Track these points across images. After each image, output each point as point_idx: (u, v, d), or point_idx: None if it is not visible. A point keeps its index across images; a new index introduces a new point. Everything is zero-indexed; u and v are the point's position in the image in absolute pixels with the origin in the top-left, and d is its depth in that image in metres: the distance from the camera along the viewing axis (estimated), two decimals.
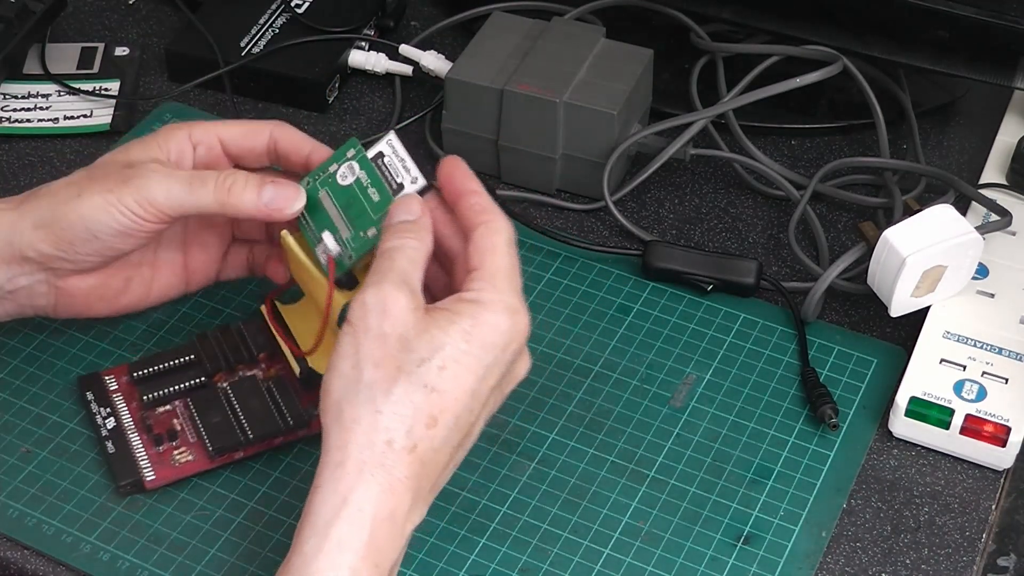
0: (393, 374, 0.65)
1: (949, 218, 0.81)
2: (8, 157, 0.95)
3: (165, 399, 0.78)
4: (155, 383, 0.78)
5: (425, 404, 0.65)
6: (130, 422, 0.77)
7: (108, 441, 0.76)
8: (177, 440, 0.76)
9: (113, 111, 0.97)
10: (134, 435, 0.76)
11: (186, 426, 0.77)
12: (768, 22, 0.95)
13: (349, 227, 0.74)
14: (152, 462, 0.75)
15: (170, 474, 0.75)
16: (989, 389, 0.78)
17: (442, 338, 0.66)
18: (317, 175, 0.76)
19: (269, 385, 0.78)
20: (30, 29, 0.97)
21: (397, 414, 0.64)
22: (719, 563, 0.73)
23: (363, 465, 0.64)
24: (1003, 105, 0.97)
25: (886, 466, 0.78)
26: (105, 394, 0.78)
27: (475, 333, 0.66)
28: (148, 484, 0.75)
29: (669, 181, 0.95)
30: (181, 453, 0.76)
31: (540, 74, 0.90)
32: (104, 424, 0.77)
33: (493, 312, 0.67)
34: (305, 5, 1.03)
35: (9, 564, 0.73)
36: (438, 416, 0.65)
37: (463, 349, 0.66)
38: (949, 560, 0.74)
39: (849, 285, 0.85)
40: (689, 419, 0.80)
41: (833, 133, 0.99)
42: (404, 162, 0.74)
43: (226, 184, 0.74)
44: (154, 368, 0.79)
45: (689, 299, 0.86)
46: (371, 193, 0.74)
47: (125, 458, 0.75)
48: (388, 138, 0.75)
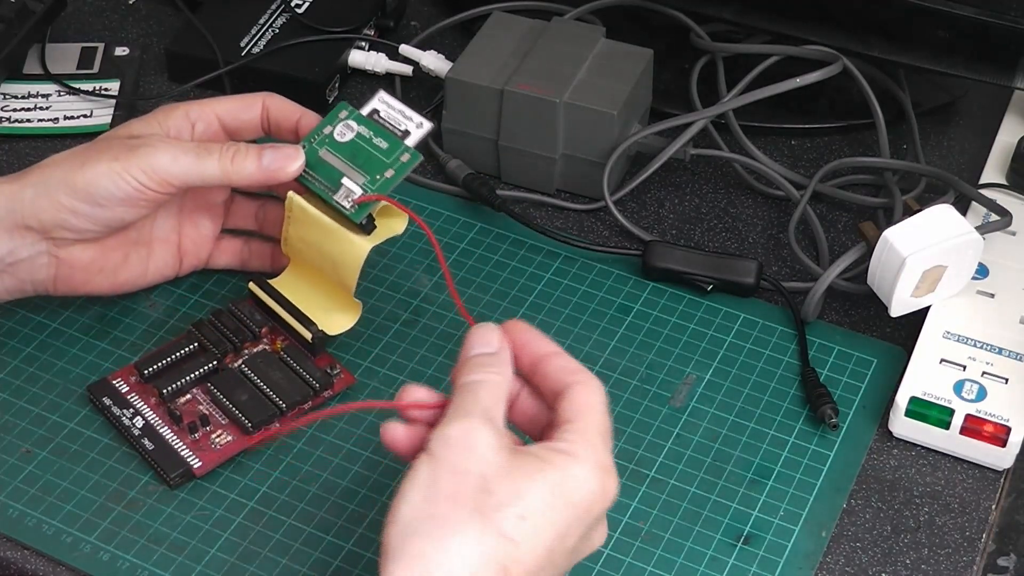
0: (468, 514, 0.60)
1: (949, 218, 0.81)
2: (8, 157, 0.95)
3: (183, 389, 0.78)
4: (168, 376, 0.79)
5: (497, 552, 0.60)
6: (156, 418, 0.77)
7: (144, 439, 0.76)
8: (210, 425, 0.77)
9: (113, 111, 0.97)
10: (165, 429, 0.77)
11: (213, 410, 0.78)
12: (768, 22, 0.95)
13: (363, 173, 0.77)
14: (193, 449, 0.76)
15: (215, 457, 0.76)
16: (989, 389, 0.78)
17: (527, 486, 0.61)
18: (312, 138, 0.79)
19: (282, 356, 0.80)
20: (30, 29, 0.97)
21: (466, 557, 0.59)
22: (719, 563, 0.73)
23: None
24: (1003, 105, 0.97)
25: (886, 466, 0.78)
26: (121, 397, 0.78)
27: (563, 488, 0.62)
28: (197, 471, 0.75)
29: (669, 181, 0.95)
30: (219, 436, 0.77)
31: (540, 74, 0.90)
32: (133, 424, 0.77)
33: (584, 469, 0.62)
34: (305, 5, 1.03)
35: (9, 564, 0.73)
36: (510, 567, 0.60)
37: (548, 503, 0.61)
38: (949, 560, 0.74)
39: (849, 285, 0.85)
40: (689, 419, 0.80)
41: (833, 133, 0.99)
42: (403, 112, 0.77)
43: (229, 153, 0.77)
44: (162, 363, 0.79)
45: (689, 299, 0.86)
46: (377, 143, 0.78)
47: (167, 452, 0.76)
48: (379, 96, 0.79)
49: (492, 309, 0.85)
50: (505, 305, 0.85)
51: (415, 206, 0.92)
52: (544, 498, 0.61)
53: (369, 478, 0.76)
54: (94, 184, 0.75)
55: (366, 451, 0.77)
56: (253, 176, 0.77)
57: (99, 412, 0.78)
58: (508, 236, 0.90)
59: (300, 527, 0.74)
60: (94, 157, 0.76)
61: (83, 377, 0.81)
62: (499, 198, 0.90)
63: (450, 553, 0.59)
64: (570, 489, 0.62)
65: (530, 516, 0.61)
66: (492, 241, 0.90)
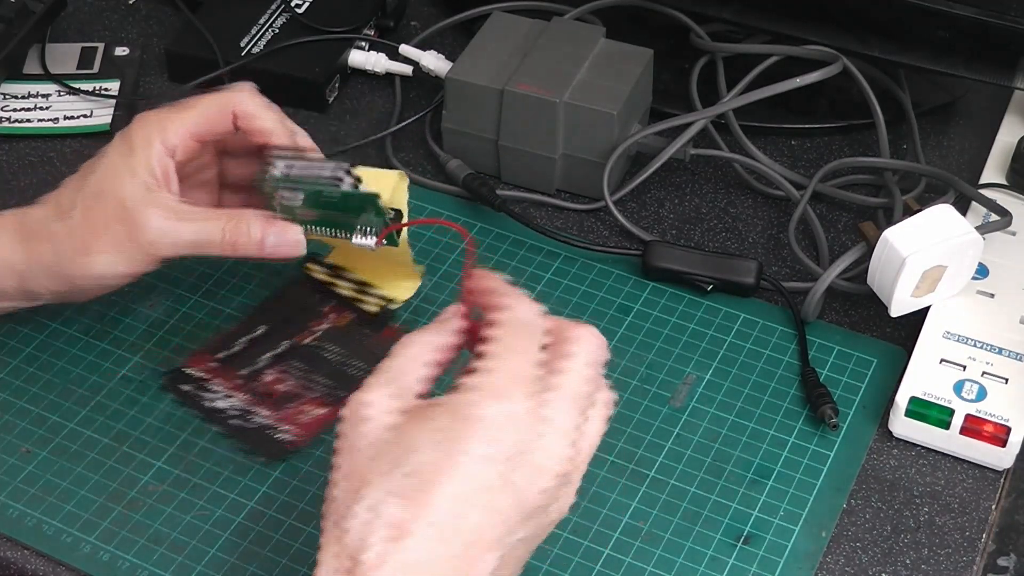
0: (358, 487, 0.59)
1: (949, 218, 0.81)
2: (8, 157, 0.95)
3: (263, 369, 0.79)
4: (244, 358, 0.80)
5: (393, 515, 0.58)
6: (243, 398, 0.78)
7: (235, 420, 0.77)
8: (295, 400, 0.78)
9: (113, 111, 0.97)
10: (253, 407, 0.78)
11: (296, 387, 0.78)
12: (768, 22, 0.95)
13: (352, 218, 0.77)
14: (287, 423, 0.77)
15: (308, 429, 0.77)
16: (989, 389, 0.78)
17: (415, 439, 0.59)
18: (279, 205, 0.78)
19: (352, 327, 0.81)
20: (30, 29, 0.97)
21: (359, 528, 0.58)
22: (719, 563, 0.73)
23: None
24: (1003, 105, 0.97)
25: (886, 466, 0.78)
26: (199, 381, 0.79)
27: (452, 429, 0.59)
28: (290, 445, 0.76)
29: (669, 181, 0.95)
30: (308, 410, 0.77)
31: (540, 74, 0.90)
32: (219, 407, 0.78)
33: (473, 403, 0.59)
34: (305, 5, 1.03)
35: (9, 564, 0.73)
36: (410, 526, 0.58)
37: (437, 450, 0.59)
38: (949, 560, 0.74)
39: (849, 285, 0.85)
40: (689, 419, 0.80)
41: (833, 133, 0.99)
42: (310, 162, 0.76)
43: (232, 232, 0.76)
44: (235, 346, 0.80)
45: (689, 299, 0.86)
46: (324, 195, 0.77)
47: (259, 429, 0.77)
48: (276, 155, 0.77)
49: None
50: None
51: (415, 206, 0.92)
52: (432, 447, 0.59)
53: None
54: (101, 272, 0.76)
55: None
56: (253, 257, 0.77)
57: (180, 399, 0.79)
58: (508, 236, 0.90)
59: (300, 527, 0.74)
60: (95, 243, 0.76)
61: (83, 377, 0.81)
62: (499, 198, 0.90)
63: (348, 531, 0.58)
64: (460, 428, 0.59)
65: (420, 469, 0.58)
66: (492, 241, 0.90)
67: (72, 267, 0.76)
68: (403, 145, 0.97)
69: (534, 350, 0.62)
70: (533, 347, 0.62)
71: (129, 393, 0.80)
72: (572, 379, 0.62)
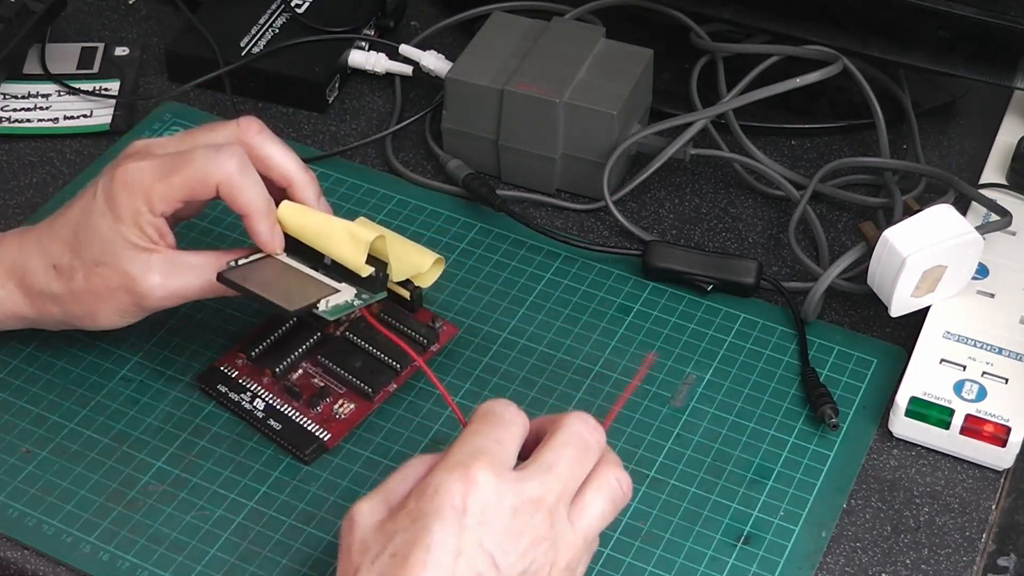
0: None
1: (949, 218, 0.81)
2: (8, 157, 0.95)
3: (294, 364, 0.79)
4: (275, 355, 0.79)
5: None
6: (275, 397, 0.78)
7: (269, 420, 0.77)
8: (328, 396, 0.78)
9: (113, 111, 0.97)
10: (286, 407, 0.78)
11: (329, 381, 0.79)
12: (768, 22, 0.95)
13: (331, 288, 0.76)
14: (320, 423, 0.77)
15: (343, 427, 0.77)
16: (989, 389, 0.78)
17: (392, 526, 0.62)
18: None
19: (383, 317, 0.80)
20: (30, 29, 0.97)
21: None
22: (719, 563, 0.73)
23: None
24: (1003, 105, 0.97)
25: (886, 466, 0.78)
26: (234, 382, 0.79)
27: (419, 506, 0.62)
28: (328, 443, 0.76)
29: (669, 181, 0.95)
30: (340, 406, 0.77)
31: (540, 74, 0.90)
32: (254, 407, 0.78)
33: (434, 476, 0.62)
34: (305, 5, 1.03)
35: (9, 564, 0.73)
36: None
37: (411, 528, 0.61)
38: (949, 560, 0.74)
39: (849, 285, 0.85)
40: (689, 419, 0.80)
41: (833, 133, 0.99)
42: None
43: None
44: (267, 341, 0.80)
45: (689, 299, 0.86)
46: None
47: (294, 429, 0.77)
48: None
49: (492, 309, 0.85)
50: (505, 305, 0.85)
51: (415, 206, 0.92)
52: (406, 527, 0.61)
53: (369, 478, 0.76)
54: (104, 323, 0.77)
55: (366, 451, 0.77)
56: None
57: (213, 400, 0.79)
58: (508, 236, 0.90)
59: (300, 527, 0.74)
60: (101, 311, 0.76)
61: (83, 377, 0.81)
62: (499, 198, 0.90)
63: None
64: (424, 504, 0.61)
65: (400, 549, 0.61)
66: (492, 241, 0.90)
67: (80, 323, 0.78)
68: (403, 145, 0.97)
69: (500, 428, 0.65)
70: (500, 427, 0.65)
71: (129, 393, 0.80)
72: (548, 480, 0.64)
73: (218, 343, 0.82)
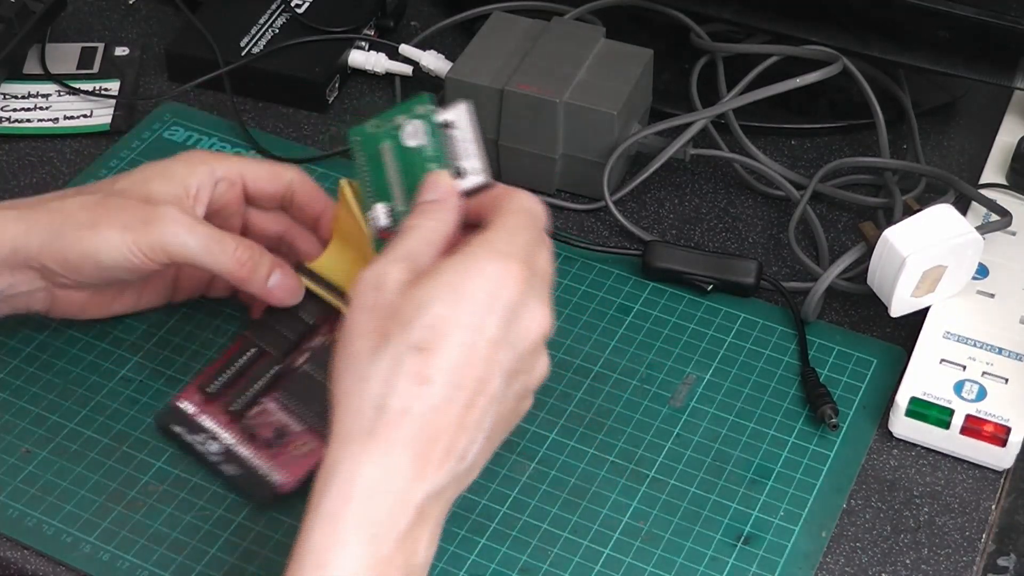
0: (378, 341, 0.63)
1: (949, 218, 0.81)
2: (8, 157, 0.95)
3: (253, 400, 0.76)
4: (234, 390, 0.76)
5: (414, 364, 0.63)
6: (233, 436, 0.75)
7: (224, 465, 0.74)
8: (286, 436, 0.75)
9: (113, 111, 0.97)
10: (243, 447, 0.75)
11: (288, 418, 0.76)
12: (768, 22, 0.95)
13: (404, 199, 0.72)
14: (277, 465, 0.74)
15: (299, 470, 0.74)
16: (989, 389, 0.78)
17: (427, 295, 0.64)
18: (381, 124, 0.73)
19: None
20: (30, 29, 0.97)
21: (384, 379, 0.63)
22: (719, 563, 0.73)
23: (352, 435, 0.62)
24: (1003, 105, 0.97)
25: (886, 466, 0.78)
26: (191, 420, 0.76)
27: (460, 284, 0.64)
28: (283, 489, 0.73)
29: (669, 181, 0.95)
30: (299, 446, 0.75)
31: (540, 74, 0.90)
32: (208, 451, 0.75)
33: (477, 259, 0.65)
34: (305, 5, 1.03)
35: (9, 564, 0.73)
36: (430, 374, 0.63)
37: (448, 302, 0.64)
38: (949, 560, 0.74)
39: (849, 285, 0.85)
40: (689, 419, 0.80)
41: (833, 133, 0.99)
42: (469, 146, 0.71)
43: (241, 259, 0.75)
44: (225, 376, 0.77)
45: (689, 299, 0.86)
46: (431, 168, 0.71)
47: (249, 474, 0.74)
48: (462, 108, 0.72)
49: None
50: None
51: None
52: (443, 299, 0.64)
53: None
54: (102, 252, 0.74)
55: None
56: (254, 291, 0.76)
57: (171, 441, 0.77)
58: None
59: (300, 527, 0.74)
60: (105, 220, 0.75)
61: (83, 377, 0.81)
62: None
63: (370, 380, 0.63)
64: (467, 284, 0.64)
65: (436, 322, 0.63)
66: None
67: (73, 240, 0.75)
68: None
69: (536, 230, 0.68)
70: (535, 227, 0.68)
71: (129, 393, 0.80)
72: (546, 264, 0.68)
73: (218, 343, 0.82)
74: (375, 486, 0.61)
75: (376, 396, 0.63)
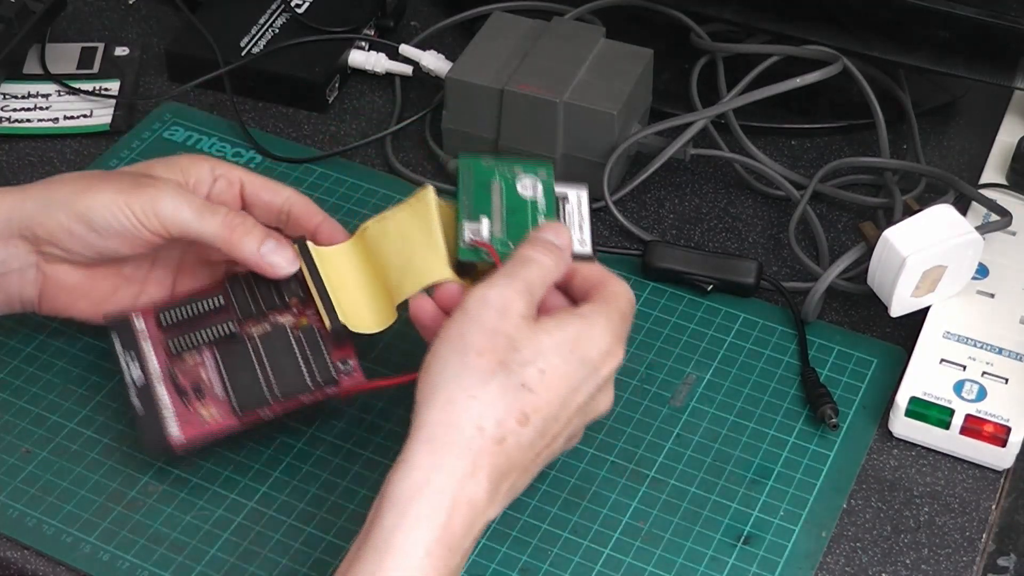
0: (494, 366, 0.66)
1: (949, 218, 0.81)
2: (8, 157, 0.95)
3: (194, 346, 0.75)
4: (183, 329, 0.76)
5: (519, 401, 0.66)
6: (160, 371, 0.75)
7: (135, 397, 0.74)
8: (204, 395, 0.74)
9: (113, 111, 0.97)
10: (160, 388, 0.74)
11: (213, 379, 0.75)
12: (768, 22, 0.95)
13: (504, 231, 0.74)
14: (179, 419, 0.73)
15: (195, 433, 0.73)
16: (989, 389, 0.78)
17: (548, 343, 0.67)
18: (499, 164, 0.77)
19: (299, 336, 0.75)
20: (30, 29, 0.97)
21: (491, 403, 0.65)
22: (719, 563, 0.73)
23: (451, 446, 0.64)
24: (1003, 105, 0.97)
25: (886, 466, 0.78)
26: (133, 337, 0.76)
27: (579, 345, 0.68)
28: (174, 443, 0.73)
29: (669, 181, 0.95)
30: (207, 409, 0.74)
31: (540, 74, 0.90)
32: (130, 375, 0.75)
33: (599, 330, 0.68)
34: (305, 5, 1.03)
35: (9, 564, 0.73)
36: (530, 415, 0.66)
37: (565, 358, 0.67)
38: (949, 560, 0.74)
39: (849, 285, 0.85)
40: (689, 419, 0.80)
41: (833, 133, 0.99)
42: (582, 221, 0.76)
43: (233, 222, 0.75)
44: (182, 313, 0.76)
45: (689, 299, 0.86)
46: (540, 220, 0.75)
47: (151, 416, 0.73)
48: (581, 190, 0.77)
49: None
50: None
51: None
52: (562, 354, 0.67)
53: (369, 478, 0.76)
54: (94, 211, 0.75)
55: (366, 451, 0.77)
56: (246, 257, 0.75)
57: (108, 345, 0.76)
58: None
59: (300, 527, 0.74)
60: (100, 185, 0.75)
61: (83, 377, 0.81)
62: None
63: (478, 400, 0.65)
64: (584, 347, 0.68)
65: (549, 370, 0.66)
66: None
67: (66, 200, 0.75)
68: (403, 145, 0.97)
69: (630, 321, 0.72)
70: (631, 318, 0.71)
71: None
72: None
73: None
74: (462, 503, 0.64)
75: (479, 417, 0.65)
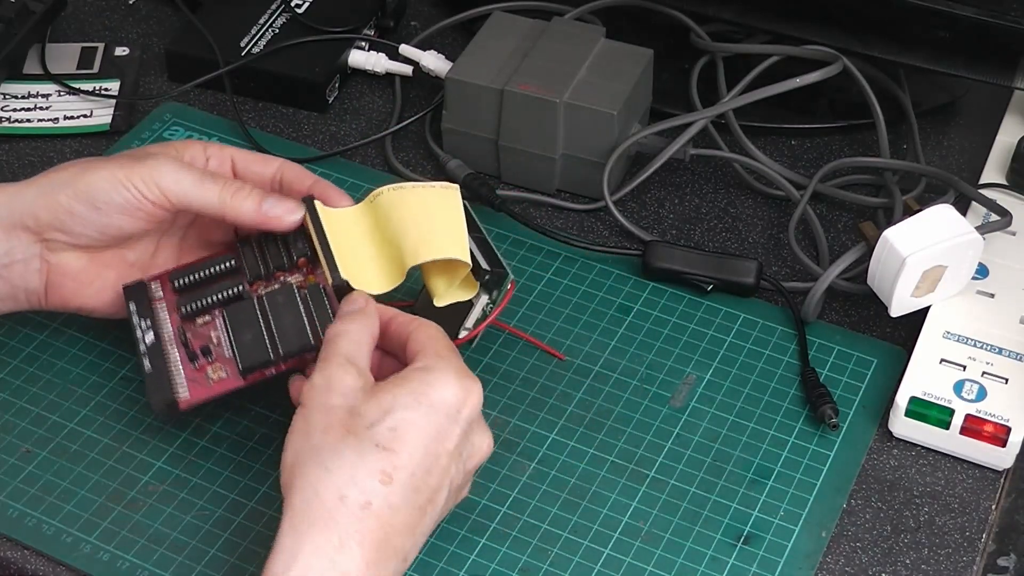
0: (342, 435, 0.66)
1: (949, 218, 0.81)
2: (8, 157, 0.95)
3: (204, 309, 0.77)
4: (194, 292, 0.77)
5: (377, 461, 0.65)
6: (172, 333, 0.76)
7: (146, 359, 0.75)
8: (211, 356, 0.76)
9: (113, 111, 0.97)
10: (171, 350, 0.76)
11: (221, 339, 0.76)
12: (768, 22, 0.95)
13: None
14: (188, 379, 0.75)
15: (202, 393, 0.74)
16: (989, 389, 0.78)
17: (391, 401, 0.67)
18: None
19: (305, 295, 0.76)
20: (30, 29, 0.97)
21: (348, 471, 0.65)
22: (719, 563, 0.73)
23: (313, 522, 0.64)
24: (1003, 105, 0.97)
25: (886, 466, 0.78)
26: (148, 303, 0.77)
27: (425, 394, 0.67)
28: (182, 403, 0.74)
29: (669, 181, 0.95)
30: (215, 369, 0.75)
31: (540, 74, 0.90)
32: (143, 340, 0.76)
33: (442, 374, 0.68)
34: (305, 5, 1.03)
35: (9, 564, 0.73)
36: (392, 472, 0.65)
37: (413, 410, 0.67)
38: (949, 560, 0.74)
39: (849, 285, 0.85)
40: (689, 419, 0.80)
41: (833, 133, 0.99)
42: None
43: (232, 187, 0.77)
44: (194, 276, 0.78)
45: (689, 299, 0.86)
46: None
47: (160, 376, 0.75)
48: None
49: None
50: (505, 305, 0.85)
51: None
52: (409, 406, 0.67)
53: None
54: (94, 187, 0.75)
55: None
56: (249, 217, 0.76)
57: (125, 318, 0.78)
58: (508, 236, 0.90)
59: None
60: (99, 164, 0.76)
61: (83, 377, 0.81)
62: (499, 198, 0.90)
63: (333, 471, 0.65)
64: (432, 394, 0.67)
65: (400, 426, 0.66)
66: (492, 241, 0.90)
67: (67, 181, 0.76)
68: (403, 145, 0.97)
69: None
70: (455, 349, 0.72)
71: (129, 393, 0.80)
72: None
73: None
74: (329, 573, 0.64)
75: (338, 487, 0.65)
